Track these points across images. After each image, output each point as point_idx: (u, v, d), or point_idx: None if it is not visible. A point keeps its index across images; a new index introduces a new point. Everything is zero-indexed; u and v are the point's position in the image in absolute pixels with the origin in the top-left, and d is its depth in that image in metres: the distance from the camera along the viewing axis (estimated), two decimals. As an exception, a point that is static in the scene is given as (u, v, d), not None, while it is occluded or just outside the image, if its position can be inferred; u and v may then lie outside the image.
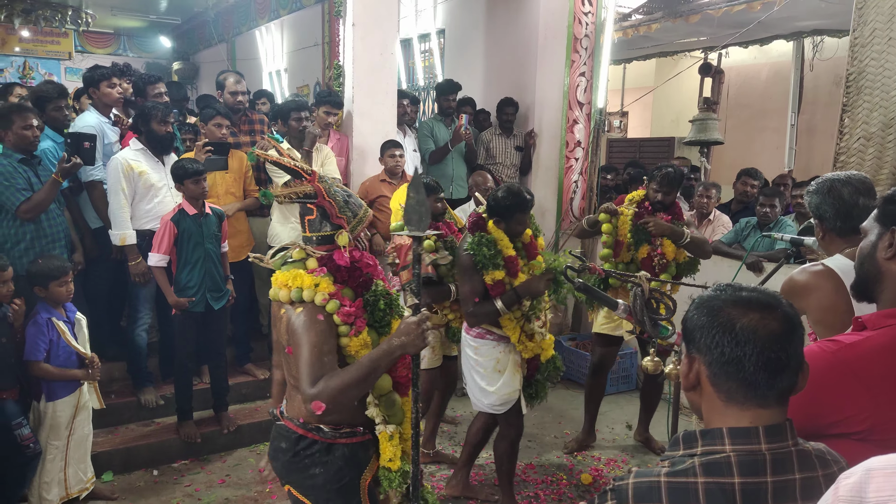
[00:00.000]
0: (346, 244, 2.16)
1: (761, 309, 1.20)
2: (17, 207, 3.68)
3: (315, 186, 2.14)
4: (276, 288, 2.15)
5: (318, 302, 2.07)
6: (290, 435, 2.16)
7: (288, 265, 2.19)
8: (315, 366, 1.98)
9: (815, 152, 8.13)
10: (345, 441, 2.15)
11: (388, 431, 2.19)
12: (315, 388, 1.95)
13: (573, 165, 6.39)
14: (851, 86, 4.03)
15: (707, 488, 1.16)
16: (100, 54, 14.07)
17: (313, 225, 2.18)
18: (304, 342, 2.01)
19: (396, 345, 2.00)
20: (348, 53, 5.28)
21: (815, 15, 6.32)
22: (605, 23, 6.18)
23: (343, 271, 2.16)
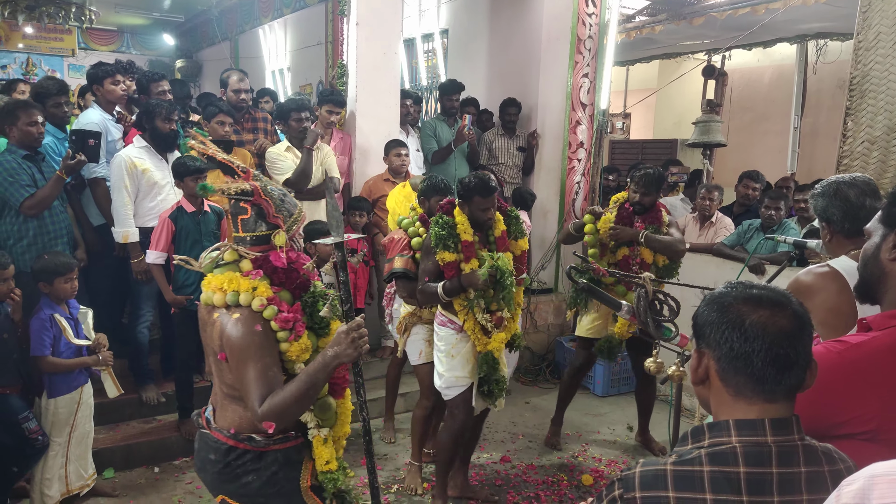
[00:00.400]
0: (283, 244, 2.09)
1: (772, 306, 1.22)
2: (21, 203, 3.69)
3: (251, 184, 2.05)
4: (210, 291, 2.05)
5: (255, 307, 2.00)
6: (220, 446, 2.08)
7: (220, 268, 2.10)
8: (261, 383, 1.93)
9: (817, 155, 8.13)
10: (278, 447, 2.09)
11: (321, 435, 2.14)
12: (262, 409, 1.91)
13: (576, 166, 6.39)
14: (855, 89, 4.03)
15: (712, 476, 1.18)
16: (103, 51, 14.07)
17: (247, 224, 2.09)
18: (245, 358, 1.95)
19: (330, 356, 1.95)
20: (352, 52, 5.29)
21: (819, 18, 6.31)
22: (608, 24, 6.18)
23: (280, 273, 2.09)
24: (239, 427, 2.06)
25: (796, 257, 3.12)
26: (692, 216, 5.70)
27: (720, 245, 5.16)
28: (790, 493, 1.18)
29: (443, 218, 3.39)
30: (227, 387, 2.06)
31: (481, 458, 4.37)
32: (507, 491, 3.99)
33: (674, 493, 1.20)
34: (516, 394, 5.56)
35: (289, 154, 4.75)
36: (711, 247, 5.24)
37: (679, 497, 1.20)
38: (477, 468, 4.23)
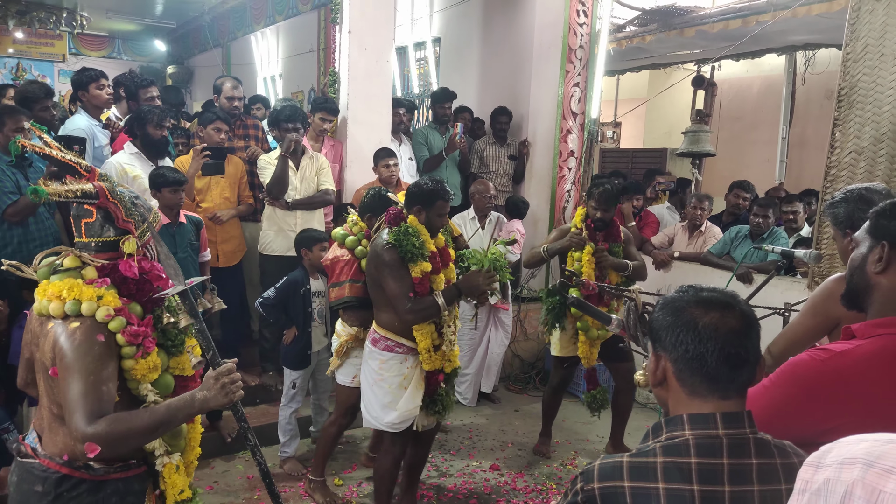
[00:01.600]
0: (132, 252, 1.90)
1: (721, 308, 1.29)
2: (4, 211, 3.64)
3: (95, 185, 1.86)
4: (45, 300, 1.83)
5: (100, 318, 1.80)
6: (50, 476, 1.83)
7: (59, 274, 1.89)
8: (91, 399, 1.71)
9: (805, 165, 8.19)
10: (118, 475, 1.88)
11: (173, 462, 1.96)
12: (92, 428, 1.69)
13: (566, 175, 6.42)
14: (843, 100, 4.07)
15: (665, 466, 1.25)
16: (94, 57, 14.04)
17: (92, 229, 1.89)
18: (77, 368, 1.73)
19: (200, 399, 1.80)
20: (344, 60, 5.29)
21: (808, 29, 6.37)
22: (599, 34, 6.22)
23: (130, 284, 1.90)
24: (73, 453, 1.82)
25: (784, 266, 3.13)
26: (681, 225, 5.73)
27: (707, 254, 5.18)
28: (741, 483, 1.24)
29: (409, 228, 3.13)
30: (59, 407, 1.81)
31: (470, 467, 4.36)
32: (497, 500, 3.98)
33: (629, 483, 1.27)
34: (506, 402, 5.56)
35: (279, 161, 4.74)
36: (700, 255, 5.27)
37: (633, 486, 1.26)
38: (466, 476, 4.22)
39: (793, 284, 4.46)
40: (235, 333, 4.99)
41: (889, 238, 1.49)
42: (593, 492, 1.30)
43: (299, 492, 3.93)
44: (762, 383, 1.54)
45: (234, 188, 4.79)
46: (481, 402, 5.44)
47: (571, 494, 1.35)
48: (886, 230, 1.50)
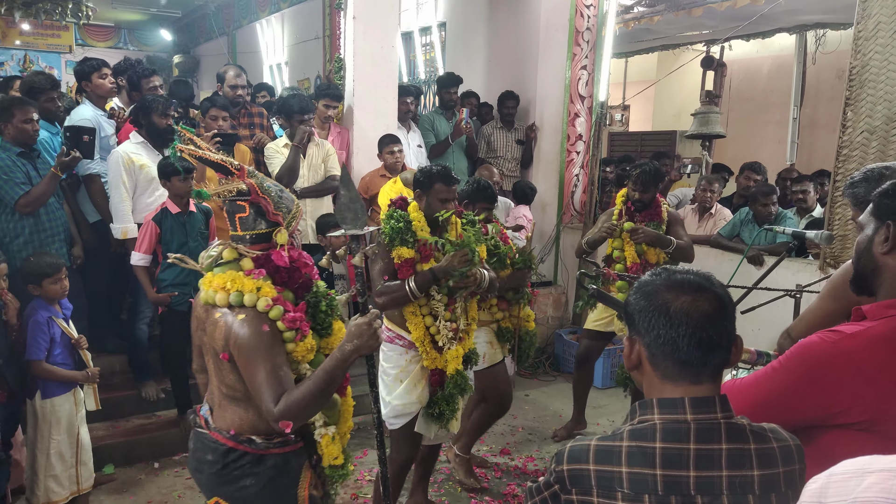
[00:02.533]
0: (284, 242, 2.04)
1: (693, 291, 1.27)
2: (16, 201, 3.66)
3: (247, 182, 2.00)
4: (211, 291, 1.99)
5: (260, 308, 1.95)
6: (219, 447, 2.03)
7: (220, 266, 2.04)
8: (273, 384, 1.89)
9: (817, 146, 8.11)
10: (277, 451, 2.05)
11: (329, 433, 2.11)
12: (278, 408, 1.87)
13: (574, 159, 6.38)
14: (855, 79, 4.01)
15: (629, 451, 1.26)
16: (100, 48, 14.05)
17: (246, 223, 2.03)
18: (256, 358, 1.90)
19: (350, 349, 1.91)
20: (349, 46, 5.27)
21: (818, 8, 6.29)
22: (606, 15, 6.16)
23: (283, 272, 2.04)
24: (239, 428, 2.02)
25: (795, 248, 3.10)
26: (691, 208, 5.69)
27: (717, 236, 5.15)
28: (707, 468, 1.23)
29: (397, 212, 3.07)
30: (227, 387, 2.01)
31: (481, 451, 4.37)
32: (507, 483, 3.99)
33: (594, 466, 1.28)
34: (516, 387, 5.54)
35: (286, 150, 4.73)
36: (710, 238, 5.23)
37: (598, 469, 1.27)
38: (477, 462, 4.23)
39: (804, 266, 4.42)
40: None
41: (894, 217, 1.47)
42: (563, 473, 1.31)
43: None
44: (771, 365, 1.52)
45: (242, 176, 4.78)
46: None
47: (547, 474, 1.37)
48: (891, 209, 1.48)
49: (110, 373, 4.48)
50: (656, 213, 4.28)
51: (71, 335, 3.45)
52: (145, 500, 3.72)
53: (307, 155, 4.74)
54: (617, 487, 1.25)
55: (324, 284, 2.20)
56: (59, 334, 3.39)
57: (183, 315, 4.08)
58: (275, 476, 2.04)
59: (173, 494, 3.78)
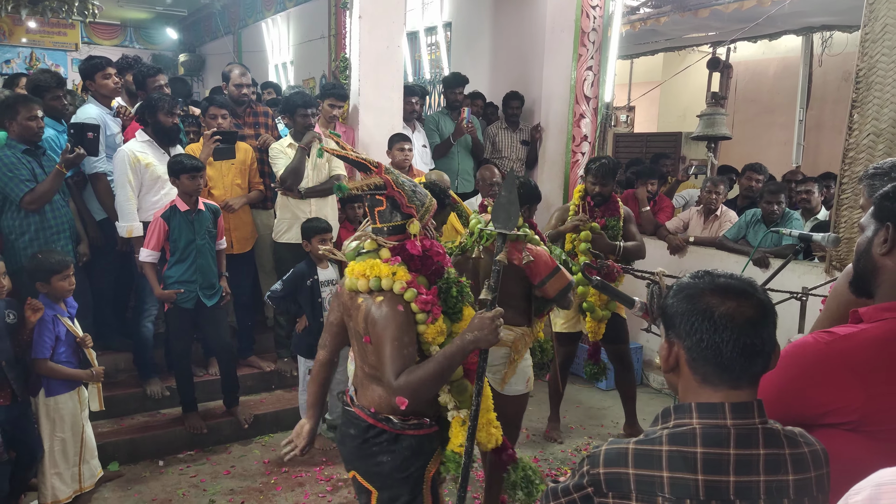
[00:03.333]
0: (417, 233, 2.19)
1: (738, 296, 1.26)
2: (21, 198, 3.67)
3: (383, 178, 2.16)
4: (354, 278, 2.16)
5: (396, 290, 2.10)
6: (361, 423, 2.20)
7: (361, 256, 2.22)
8: (397, 359, 2.03)
9: (823, 148, 8.09)
10: (412, 433, 2.18)
11: (460, 416, 2.23)
12: (397, 382, 2.00)
13: (580, 160, 6.37)
14: (861, 81, 4.00)
15: (670, 455, 1.25)
16: (106, 46, 14.09)
17: (384, 216, 2.20)
18: (387, 335, 2.05)
19: (469, 339, 2.04)
20: (355, 46, 5.27)
21: (825, 10, 6.27)
22: (612, 16, 6.15)
23: (416, 260, 2.19)
24: (378, 407, 2.17)
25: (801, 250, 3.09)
26: (696, 209, 5.68)
27: (723, 238, 5.14)
28: (747, 473, 1.23)
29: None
30: (370, 367, 2.15)
31: (485, 452, 4.37)
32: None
33: (633, 470, 1.27)
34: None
35: (290, 150, 4.73)
36: (715, 240, 5.22)
37: (637, 473, 1.26)
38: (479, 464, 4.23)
39: (810, 268, 4.41)
40: (249, 320, 5.01)
41: (893, 219, 1.47)
42: (598, 476, 1.31)
43: (316, 477, 3.96)
44: None
45: (245, 175, 4.79)
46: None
47: (578, 476, 1.36)
48: (890, 211, 1.49)
49: (115, 370, 4.50)
50: (614, 207, 4.38)
51: (76, 333, 3.46)
52: (150, 497, 3.72)
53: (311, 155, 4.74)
54: (658, 492, 1.25)
55: (454, 271, 2.33)
56: (65, 332, 3.40)
57: (188, 312, 4.09)
58: (409, 457, 2.17)
59: (178, 492, 3.79)
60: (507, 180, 2.25)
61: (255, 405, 4.63)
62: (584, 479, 1.33)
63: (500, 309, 2.11)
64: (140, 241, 4.17)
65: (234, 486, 3.86)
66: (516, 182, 2.27)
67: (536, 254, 3.09)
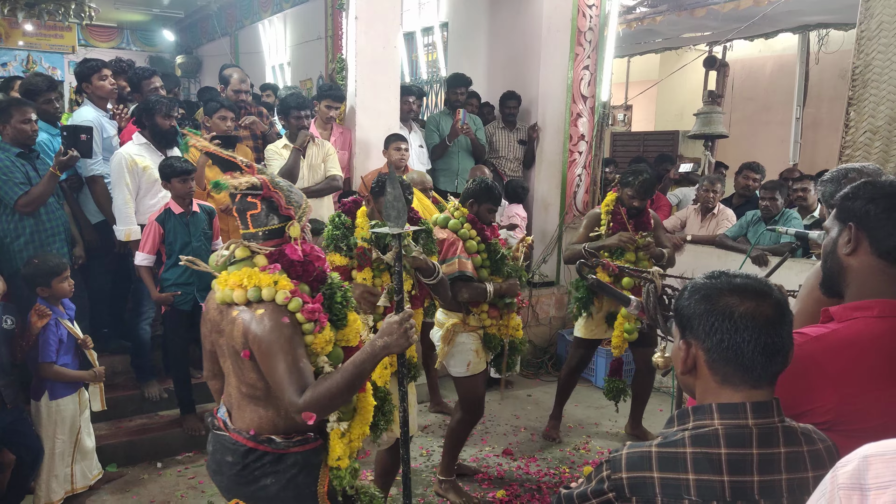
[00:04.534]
0: (297, 236, 2.04)
1: (756, 296, 1.26)
2: (15, 202, 3.67)
3: (258, 178, 2.01)
4: (228, 289, 1.98)
5: (279, 300, 1.95)
6: (238, 448, 2.03)
7: (234, 265, 2.04)
8: (296, 375, 1.89)
9: (819, 146, 8.10)
10: (297, 449, 2.04)
11: (340, 429, 2.09)
12: (303, 399, 1.86)
13: (577, 159, 6.37)
14: (858, 79, 4.01)
15: (695, 457, 1.24)
16: (103, 48, 14.07)
17: (258, 219, 2.03)
18: (276, 350, 1.89)
19: (380, 346, 1.94)
20: (351, 47, 5.27)
21: (821, 9, 6.28)
22: (609, 15, 6.15)
23: (297, 266, 2.05)
24: (259, 428, 2.02)
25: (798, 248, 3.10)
26: (693, 208, 5.68)
27: (722, 236, 5.14)
28: (770, 472, 1.24)
29: (341, 216, 2.97)
30: (248, 386, 2.01)
31: (483, 451, 4.37)
32: (510, 483, 3.99)
33: (658, 474, 1.26)
34: (518, 387, 5.56)
35: (285, 151, 4.74)
36: (714, 239, 5.23)
37: (663, 477, 1.25)
38: (479, 461, 4.23)
39: (808, 266, 4.42)
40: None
41: (855, 219, 1.49)
42: (621, 481, 1.29)
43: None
44: None
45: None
46: (494, 387, 5.45)
47: (596, 481, 1.34)
48: (851, 211, 1.50)
49: (112, 373, 4.48)
50: (647, 219, 4.31)
51: (77, 335, 3.46)
52: (148, 499, 3.72)
53: (307, 155, 4.74)
54: (684, 495, 1.24)
55: (337, 276, 2.22)
56: (66, 335, 3.41)
57: (186, 314, 4.09)
58: (295, 474, 2.04)
59: (176, 494, 3.78)
60: (389, 178, 2.13)
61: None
62: (605, 483, 1.31)
63: (408, 310, 2.02)
64: (137, 244, 4.17)
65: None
66: (398, 179, 2.18)
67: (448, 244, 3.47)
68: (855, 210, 1.50)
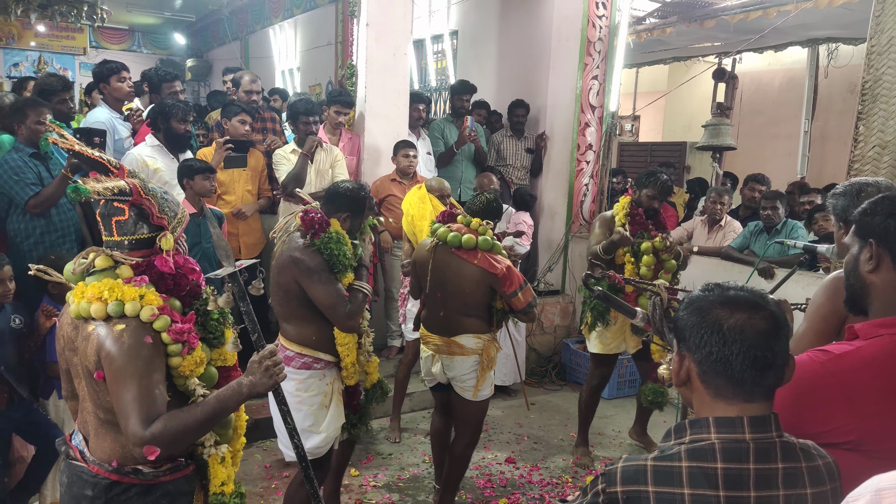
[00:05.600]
0: (170, 248, 1.87)
1: (748, 309, 1.25)
2: (26, 202, 3.69)
3: (128, 182, 1.81)
4: (85, 302, 1.77)
5: (144, 318, 1.77)
6: (100, 482, 1.81)
7: (93, 276, 1.83)
8: (146, 403, 1.70)
9: (827, 160, 8.09)
10: (167, 478, 1.86)
11: (219, 454, 1.94)
12: (149, 431, 1.68)
13: (584, 168, 6.38)
14: (867, 93, 4.01)
15: (690, 472, 1.23)
16: (114, 50, 14.17)
17: (125, 227, 1.84)
18: (129, 373, 1.70)
19: (246, 384, 1.81)
20: (361, 53, 5.29)
21: (831, 24, 6.28)
22: (619, 26, 6.17)
23: (168, 279, 1.87)
24: (122, 459, 1.81)
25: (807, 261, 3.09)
26: (700, 219, 5.68)
27: (728, 248, 5.13)
28: (767, 488, 1.22)
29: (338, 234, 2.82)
30: (105, 412, 1.80)
31: (486, 459, 4.37)
32: (512, 492, 3.98)
33: (653, 488, 1.25)
34: (521, 395, 5.55)
35: (293, 157, 4.76)
36: (719, 251, 5.22)
37: (658, 491, 1.24)
38: (482, 468, 4.23)
39: (815, 279, 4.40)
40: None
41: (875, 235, 1.48)
42: (616, 495, 1.28)
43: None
44: None
45: (256, 181, 4.81)
46: (497, 395, 5.44)
47: (592, 494, 1.33)
48: (871, 228, 1.49)
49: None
50: (662, 220, 4.33)
51: None
52: (151, 501, 3.72)
53: (315, 160, 4.77)
54: None
55: (211, 290, 2.02)
56: None
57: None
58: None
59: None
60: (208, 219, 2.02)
61: (256, 409, 4.63)
62: (600, 497, 1.31)
63: (270, 347, 1.89)
64: None
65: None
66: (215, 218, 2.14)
67: (510, 265, 3.25)
68: (874, 226, 1.49)
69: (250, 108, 5.08)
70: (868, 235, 1.50)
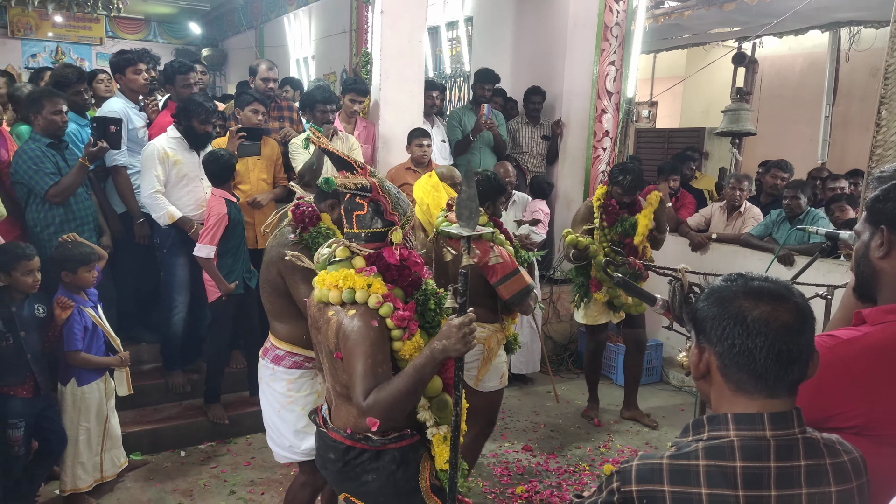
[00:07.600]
0: (399, 242, 2.07)
1: (773, 300, 1.20)
2: (46, 191, 3.72)
3: (369, 180, 2.04)
4: (324, 289, 2.03)
5: (371, 304, 1.98)
6: (339, 446, 2.09)
7: (333, 265, 2.08)
8: (368, 378, 1.91)
9: (849, 145, 7.97)
10: (394, 446, 2.07)
11: (441, 433, 2.10)
12: (366, 403, 1.89)
13: (601, 155, 6.33)
14: (890, 77, 3.93)
15: (708, 470, 1.19)
16: (130, 40, 14.22)
17: (363, 221, 2.06)
18: (359, 352, 1.93)
19: (438, 349, 1.89)
20: (376, 41, 5.27)
21: (853, 6, 6.17)
22: (636, 10, 6.09)
23: (393, 270, 2.06)
24: (355, 427, 2.05)
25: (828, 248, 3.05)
26: (719, 206, 5.61)
27: (748, 235, 5.08)
28: (788, 486, 1.18)
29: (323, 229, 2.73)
30: (341, 386, 2.04)
31: (503, 447, 4.37)
32: (529, 480, 3.99)
33: (669, 487, 1.21)
34: (538, 383, 5.55)
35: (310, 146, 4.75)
36: (739, 237, 5.16)
37: (674, 491, 1.21)
38: (499, 456, 4.23)
39: (835, 266, 4.35)
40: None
41: (887, 222, 1.46)
42: (631, 494, 1.25)
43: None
44: None
45: (271, 170, 4.80)
46: (514, 383, 5.44)
47: (607, 493, 1.30)
48: (882, 214, 1.47)
49: (138, 361, 4.53)
50: (637, 207, 4.53)
51: (98, 322, 3.50)
52: (171, 488, 3.77)
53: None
54: None
55: (432, 283, 2.23)
56: (91, 322, 3.46)
57: (236, 298, 4.15)
58: (394, 470, 2.07)
59: (199, 483, 3.83)
60: (465, 175, 2.03)
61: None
62: (615, 496, 1.28)
63: (470, 314, 1.93)
64: (185, 220, 4.17)
65: (255, 478, 3.90)
66: (474, 177, 2.07)
67: (499, 254, 3.13)
68: (886, 212, 1.47)
69: (266, 97, 5.07)
70: (880, 222, 1.48)
